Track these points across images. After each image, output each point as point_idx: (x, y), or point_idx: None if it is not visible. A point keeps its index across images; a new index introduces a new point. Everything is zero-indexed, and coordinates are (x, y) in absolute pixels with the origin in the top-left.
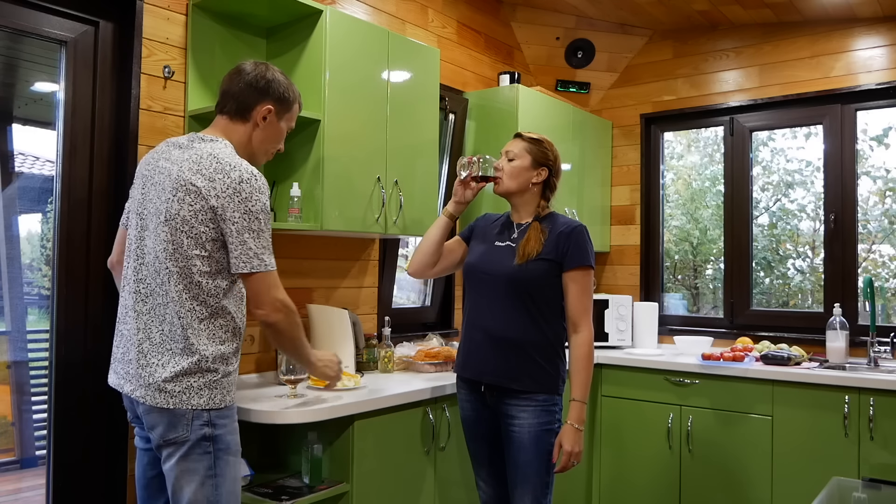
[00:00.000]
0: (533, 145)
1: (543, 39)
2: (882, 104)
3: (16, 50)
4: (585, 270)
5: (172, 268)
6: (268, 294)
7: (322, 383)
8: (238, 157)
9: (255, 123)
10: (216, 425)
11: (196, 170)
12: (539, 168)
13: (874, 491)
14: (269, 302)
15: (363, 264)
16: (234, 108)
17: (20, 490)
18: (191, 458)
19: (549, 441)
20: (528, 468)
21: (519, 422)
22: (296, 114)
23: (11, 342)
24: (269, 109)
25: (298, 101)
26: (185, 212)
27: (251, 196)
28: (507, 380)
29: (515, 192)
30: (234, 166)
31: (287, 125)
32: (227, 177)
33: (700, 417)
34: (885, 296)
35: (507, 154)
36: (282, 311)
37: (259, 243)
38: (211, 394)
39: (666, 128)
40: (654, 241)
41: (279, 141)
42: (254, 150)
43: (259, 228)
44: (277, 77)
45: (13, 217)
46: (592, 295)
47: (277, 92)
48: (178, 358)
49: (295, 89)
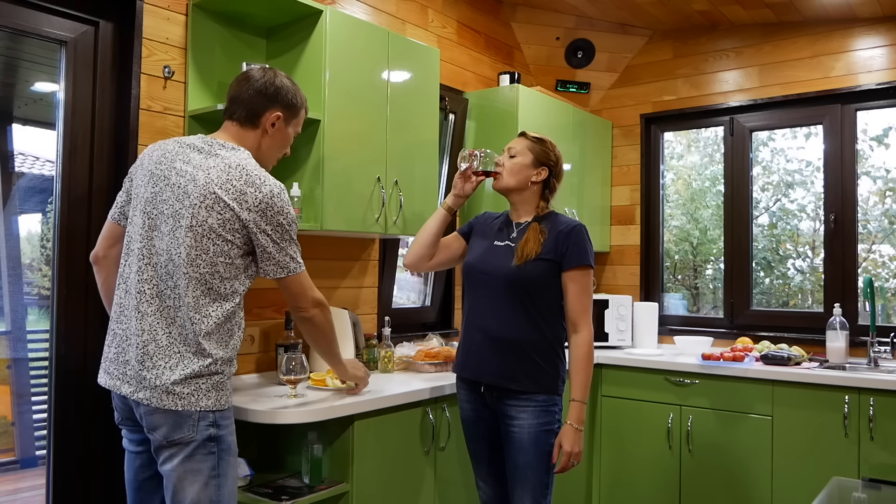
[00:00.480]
0: (536, 144)
1: (543, 39)
2: (882, 104)
3: (16, 50)
4: (585, 270)
5: (193, 273)
6: (308, 292)
7: (348, 385)
8: (262, 169)
9: (264, 130)
10: (220, 426)
11: (226, 180)
12: (540, 167)
13: (874, 491)
14: (310, 298)
15: (363, 264)
16: (244, 116)
17: (20, 490)
18: (195, 459)
19: (548, 441)
20: (527, 469)
21: (518, 422)
22: (303, 119)
23: (11, 342)
24: (279, 116)
25: (305, 106)
26: (213, 220)
27: (282, 210)
28: (506, 380)
29: (514, 189)
30: (264, 181)
31: (294, 130)
32: (259, 191)
33: (700, 417)
34: (885, 296)
35: (509, 151)
36: (318, 306)
37: (294, 248)
38: (218, 395)
39: (666, 128)
40: (654, 241)
41: (286, 146)
42: (263, 157)
43: (291, 238)
44: (285, 83)
45: (13, 217)
46: (592, 295)
47: (286, 99)
48: (189, 360)
49: (301, 94)
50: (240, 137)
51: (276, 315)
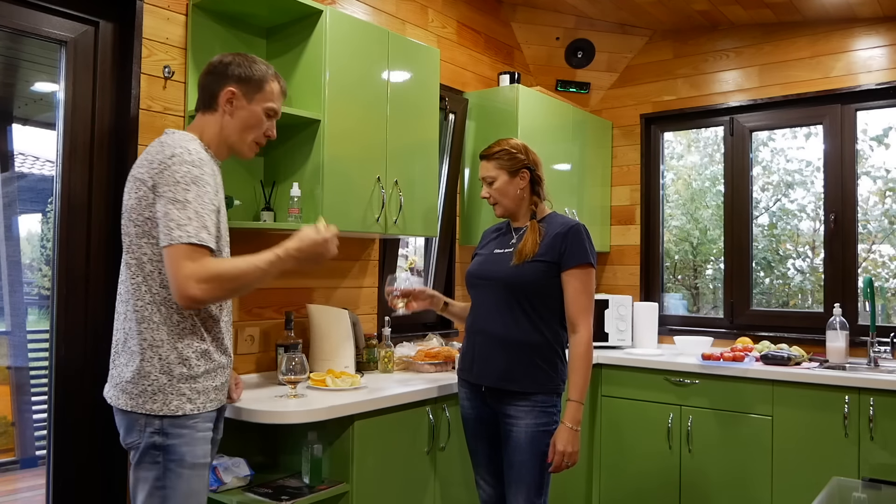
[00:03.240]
0: (500, 158)
1: (543, 39)
2: (882, 104)
3: (16, 50)
4: (584, 269)
5: (130, 259)
6: (180, 272)
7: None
8: (187, 143)
9: (222, 111)
10: (168, 434)
11: (143, 159)
12: (518, 174)
13: (874, 491)
14: (180, 283)
15: (363, 264)
16: (202, 101)
17: (20, 490)
18: (141, 466)
19: (545, 442)
20: (522, 468)
21: (517, 422)
22: (273, 94)
23: (12, 342)
24: (232, 92)
25: (273, 80)
26: (132, 201)
27: (180, 169)
28: (507, 382)
29: (515, 209)
30: (173, 146)
31: (263, 107)
32: (162, 154)
33: (700, 417)
34: (885, 296)
35: (485, 179)
36: (190, 301)
37: (185, 215)
38: (165, 398)
39: (666, 128)
40: (654, 241)
41: (259, 126)
42: (231, 141)
43: (184, 201)
44: (237, 59)
45: (13, 217)
46: (593, 294)
47: (235, 73)
48: (135, 357)
49: (262, 68)
50: (200, 124)
51: (276, 315)
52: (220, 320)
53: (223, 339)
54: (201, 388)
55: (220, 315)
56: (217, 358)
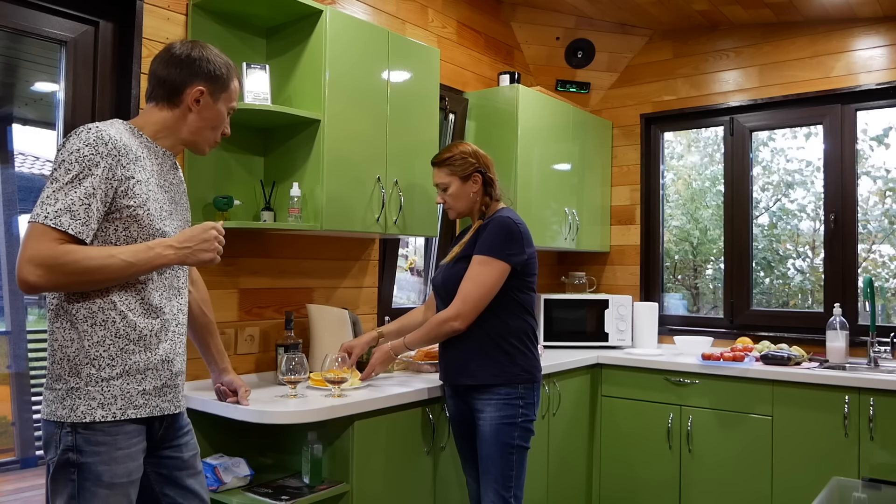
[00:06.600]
0: (452, 165)
1: (543, 39)
2: (882, 104)
3: (16, 50)
4: (485, 258)
5: None
6: (25, 253)
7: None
8: (105, 127)
9: (187, 108)
10: (83, 451)
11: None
12: (471, 178)
13: (874, 491)
14: (23, 265)
15: (363, 264)
16: (163, 94)
17: (20, 490)
18: (57, 481)
19: (511, 434)
20: (488, 460)
21: (482, 415)
22: (235, 92)
23: (11, 342)
24: (201, 91)
25: (235, 77)
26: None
27: (71, 146)
28: (465, 377)
29: (468, 212)
30: (84, 126)
31: (227, 107)
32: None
33: (700, 417)
34: (885, 296)
35: (440, 186)
36: (41, 267)
37: (55, 194)
38: (74, 404)
39: (666, 128)
40: (654, 241)
41: (220, 125)
42: (191, 138)
43: (61, 182)
44: (207, 55)
45: (13, 217)
46: (486, 286)
47: (207, 70)
48: (49, 359)
49: (230, 66)
50: (146, 116)
51: (276, 315)
52: (148, 282)
53: (150, 298)
54: (118, 393)
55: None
56: (134, 357)
